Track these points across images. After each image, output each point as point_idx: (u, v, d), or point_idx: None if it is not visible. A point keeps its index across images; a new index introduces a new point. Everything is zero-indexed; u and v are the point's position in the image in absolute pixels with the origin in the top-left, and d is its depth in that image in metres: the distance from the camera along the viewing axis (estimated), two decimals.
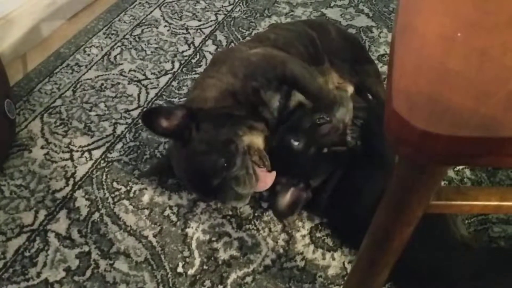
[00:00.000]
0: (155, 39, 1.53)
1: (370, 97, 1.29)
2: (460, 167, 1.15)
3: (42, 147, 1.16)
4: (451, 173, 1.14)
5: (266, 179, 0.99)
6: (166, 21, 1.62)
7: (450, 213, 0.94)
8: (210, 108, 1.02)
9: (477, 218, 1.05)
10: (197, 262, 0.96)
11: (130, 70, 1.40)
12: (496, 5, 0.52)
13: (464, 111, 0.41)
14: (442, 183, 0.68)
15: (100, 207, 1.04)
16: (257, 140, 1.02)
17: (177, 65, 1.43)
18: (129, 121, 1.24)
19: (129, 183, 1.09)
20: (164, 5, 1.70)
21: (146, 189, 1.08)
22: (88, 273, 0.93)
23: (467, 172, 1.14)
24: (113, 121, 1.24)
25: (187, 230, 1.01)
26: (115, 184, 1.09)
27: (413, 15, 0.51)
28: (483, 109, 0.41)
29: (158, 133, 1.03)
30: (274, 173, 0.99)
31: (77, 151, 1.16)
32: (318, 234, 1.01)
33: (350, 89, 1.24)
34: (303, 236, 1.01)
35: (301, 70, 1.05)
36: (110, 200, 1.06)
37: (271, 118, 1.06)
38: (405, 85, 0.43)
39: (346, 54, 1.24)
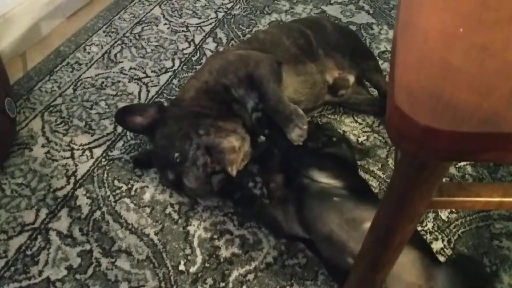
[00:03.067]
0: (155, 37, 1.53)
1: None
2: (462, 163, 1.15)
3: (42, 146, 1.16)
4: (452, 169, 1.14)
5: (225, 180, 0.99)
6: (166, 19, 1.61)
7: None
8: (184, 106, 1.06)
9: (478, 214, 1.05)
10: (198, 259, 0.96)
11: (130, 68, 1.40)
12: (497, 1, 0.52)
13: (467, 106, 0.41)
14: (444, 179, 0.69)
15: (101, 205, 1.04)
16: (226, 142, 1.00)
17: (177, 63, 1.43)
18: None
19: (130, 181, 1.09)
20: (164, 2, 1.70)
21: (147, 187, 1.08)
22: (90, 271, 0.93)
23: (469, 168, 1.14)
24: (114, 119, 1.24)
25: (189, 228, 1.01)
26: (116, 182, 1.09)
27: (415, 11, 0.51)
28: (485, 104, 0.41)
29: (130, 129, 1.11)
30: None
31: (78, 149, 1.16)
32: None
33: (351, 78, 1.25)
34: None
35: (270, 74, 1.05)
36: (111, 198, 1.06)
37: (248, 118, 1.06)
38: (407, 80, 0.43)
39: (344, 47, 1.26)
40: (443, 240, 1.00)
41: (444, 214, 1.05)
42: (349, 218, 0.88)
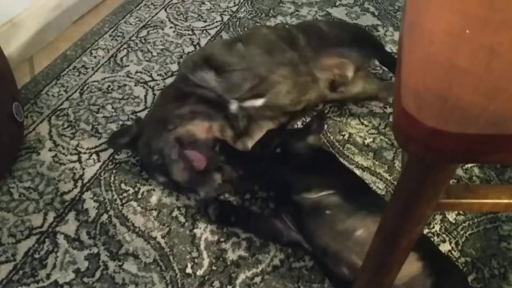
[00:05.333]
0: (161, 41, 1.53)
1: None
2: (469, 165, 1.14)
3: (50, 150, 1.16)
4: (459, 171, 1.13)
5: (200, 158, 1.00)
6: (172, 23, 1.62)
7: None
8: (153, 112, 1.13)
9: (486, 216, 1.04)
10: (205, 262, 0.96)
11: (136, 72, 1.41)
12: (503, 2, 0.52)
13: (474, 108, 0.41)
14: (451, 181, 0.68)
15: (108, 208, 1.04)
16: (192, 127, 1.03)
17: None
18: None
19: (137, 184, 1.10)
20: (169, 6, 1.70)
21: (154, 190, 1.09)
22: (97, 274, 0.93)
23: (476, 170, 1.14)
24: (120, 122, 1.24)
25: (196, 230, 1.01)
26: (123, 185, 1.09)
27: (421, 12, 0.51)
28: (492, 106, 0.41)
29: (122, 149, 1.15)
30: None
31: (85, 153, 1.16)
32: None
33: (350, 73, 1.26)
34: None
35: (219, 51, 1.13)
36: (118, 201, 1.06)
37: (220, 98, 1.09)
38: (414, 82, 0.43)
39: (345, 41, 1.28)
40: (450, 242, 1.00)
41: (451, 216, 1.04)
42: (341, 229, 0.88)
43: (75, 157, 1.15)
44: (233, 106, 1.10)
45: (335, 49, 1.25)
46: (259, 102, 1.11)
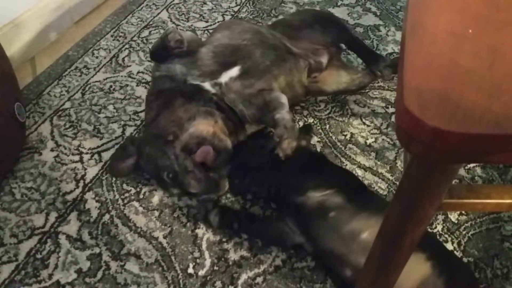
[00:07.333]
0: None
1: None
2: (471, 165, 1.14)
3: (52, 150, 1.17)
4: (461, 171, 1.13)
5: (208, 151, 0.98)
6: (173, 23, 1.62)
7: None
8: (147, 126, 1.10)
9: (488, 216, 1.04)
10: (207, 263, 0.96)
11: (138, 72, 1.41)
12: (506, 2, 0.52)
13: (476, 108, 0.40)
14: (453, 181, 0.68)
15: (110, 208, 1.05)
16: (196, 131, 0.99)
17: None
18: (138, 122, 1.24)
19: (139, 184, 1.10)
20: (171, 6, 1.70)
21: (155, 190, 1.09)
22: (99, 274, 0.93)
23: (478, 170, 1.13)
24: (122, 123, 1.24)
25: (197, 231, 1.01)
26: (124, 185, 1.09)
27: (423, 12, 0.51)
28: (495, 106, 0.41)
29: (127, 174, 1.09)
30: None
31: (86, 153, 1.16)
32: None
33: (325, 60, 1.27)
34: None
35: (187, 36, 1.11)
36: (120, 201, 1.06)
37: (195, 87, 1.06)
38: (416, 82, 0.43)
39: (306, 22, 1.31)
40: (453, 243, 0.99)
41: (453, 216, 1.04)
42: (346, 231, 0.88)
43: (77, 157, 1.15)
44: (207, 87, 1.06)
45: (300, 33, 1.28)
46: (234, 71, 1.08)
